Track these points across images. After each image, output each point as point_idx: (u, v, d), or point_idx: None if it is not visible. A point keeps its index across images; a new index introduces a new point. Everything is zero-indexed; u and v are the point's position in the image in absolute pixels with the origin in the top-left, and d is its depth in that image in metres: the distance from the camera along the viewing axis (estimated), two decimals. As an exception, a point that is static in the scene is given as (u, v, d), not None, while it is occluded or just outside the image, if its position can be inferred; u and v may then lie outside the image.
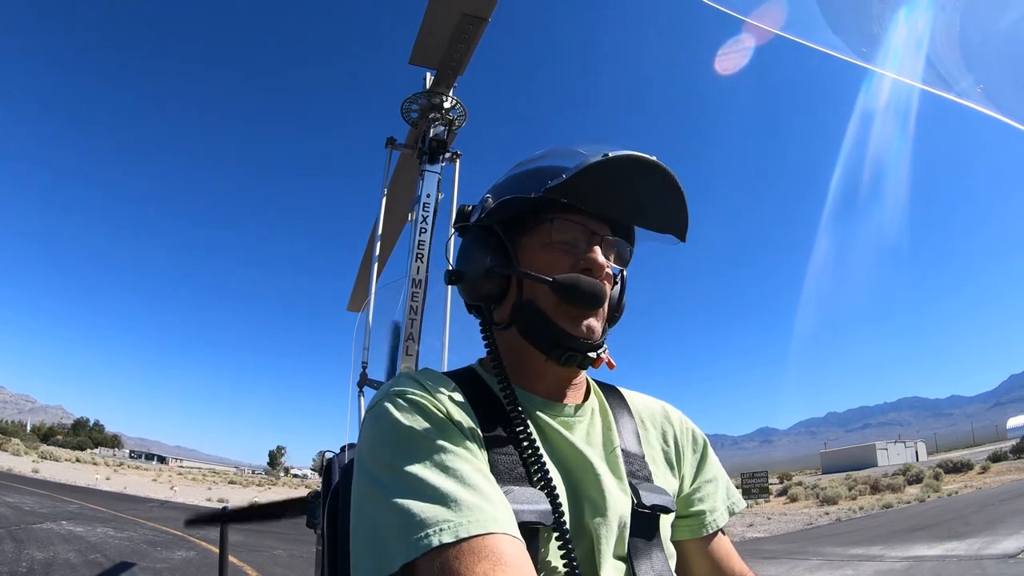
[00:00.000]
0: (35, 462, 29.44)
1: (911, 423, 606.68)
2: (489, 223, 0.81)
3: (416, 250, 2.42)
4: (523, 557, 0.56)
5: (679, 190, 0.78)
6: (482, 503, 0.57)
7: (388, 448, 0.64)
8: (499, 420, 0.73)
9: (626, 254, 0.85)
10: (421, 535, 0.54)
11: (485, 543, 0.54)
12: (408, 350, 2.37)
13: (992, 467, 21.76)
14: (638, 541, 0.73)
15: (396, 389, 0.70)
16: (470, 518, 0.55)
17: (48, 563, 7.00)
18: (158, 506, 17.71)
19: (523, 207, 0.79)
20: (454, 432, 0.66)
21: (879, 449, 43.77)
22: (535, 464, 0.68)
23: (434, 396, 0.70)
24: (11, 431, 57.04)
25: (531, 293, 0.77)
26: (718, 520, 0.86)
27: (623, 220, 0.84)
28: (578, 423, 0.80)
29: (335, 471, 1.78)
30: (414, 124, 2.70)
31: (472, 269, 0.80)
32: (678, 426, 0.91)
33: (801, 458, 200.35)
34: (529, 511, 0.63)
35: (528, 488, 0.66)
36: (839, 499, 19.10)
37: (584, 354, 0.77)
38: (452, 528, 0.54)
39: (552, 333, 0.76)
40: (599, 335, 0.78)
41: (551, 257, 0.78)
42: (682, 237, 0.83)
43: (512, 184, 0.81)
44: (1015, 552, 7.13)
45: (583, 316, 0.76)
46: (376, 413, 0.68)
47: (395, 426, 0.65)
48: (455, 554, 0.53)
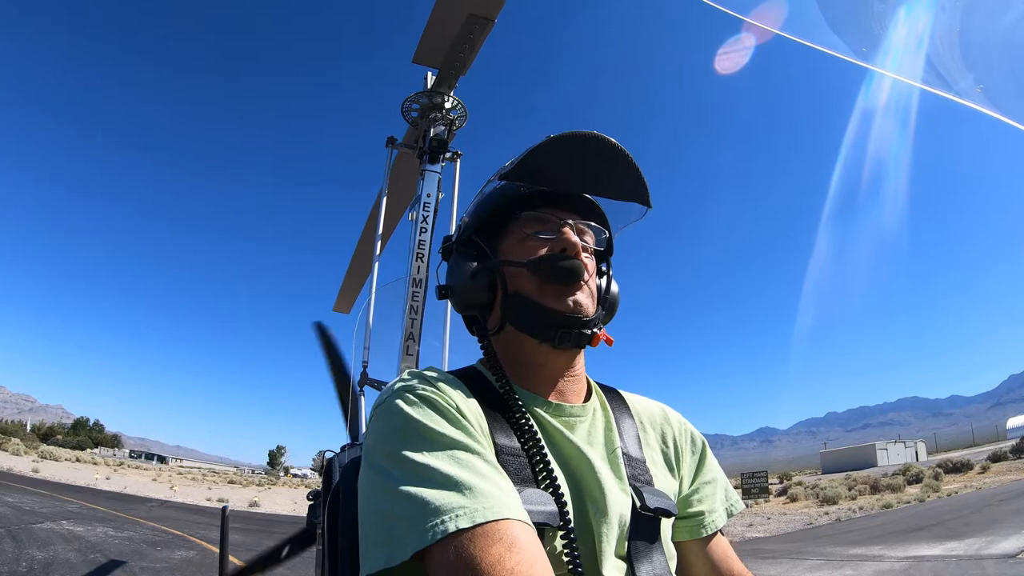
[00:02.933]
0: (35, 462, 29.41)
1: (911, 423, 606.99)
2: (466, 236, 0.87)
3: (416, 249, 2.42)
4: (535, 542, 0.57)
5: (627, 157, 0.82)
6: (495, 490, 0.59)
7: (398, 440, 0.65)
8: (504, 419, 0.74)
9: (601, 237, 0.88)
10: (436, 522, 0.55)
11: (499, 528, 0.55)
12: (408, 350, 2.37)
13: (992, 467, 21.75)
14: (639, 544, 0.73)
15: (405, 384, 0.72)
16: (485, 504, 0.56)
17: (48, 563, 7.00)
18: (158, 506, 17.71)
19: (491, 211, 0.85)
20: (464, 425, 0.68)
21: (879, 449, 43.74)
22: (540, 465, 0.70)
23: (443, 391, 0.71)
24: (11, 431, 57.05)
25: (515, 285, 0.81)
26: (717, 521, 0.87)
27: (581, 191, 0.87)
28: (579, 423, 0.81)
29: (335, 471, 1.78)
30: (414, 124, 2.71)
31: (459, 279, 0.85)
32: (677, 427, 0.92)
33: (801, 458, 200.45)
34: (537, 512, 0.64)
35: (535, 490, 0.68)
36: (839, 499, 19.10)
37: (579, 331, 0.79)
38: (468, 514, 0.55)
39: (540, 314, 0.78)
40: (589, 311, 0.81)
41: (528, 248, 0.82)
42: (646, 202, 0.87)
43: (479, 197, 0.90)
44: (1015, 552, 7.13)
45: (567, 292, 0.79)
46: (385, 408, 0.70)
47: (405, 419, 0.67)
48: (470, 538, 0.54)
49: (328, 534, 0.98)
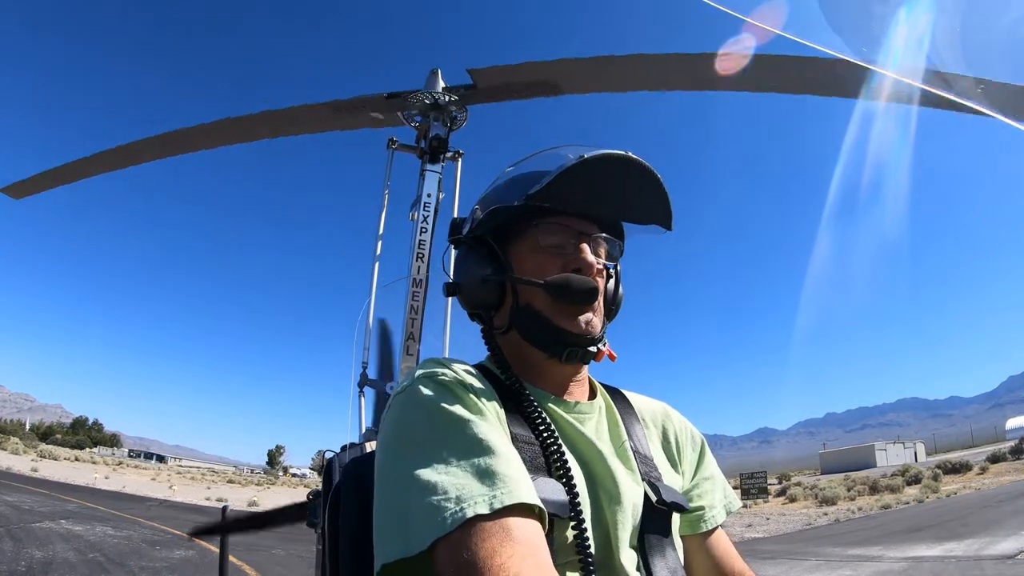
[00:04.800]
0: (34, 461, 29.43)
1: (910, 424, 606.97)
2: (480, 233, 0.84)
3: (417, 250, 2.42)
4: (540, 536, 0.58)
5: (658, 180, 0.81)
6: (515, 474, 0.59)
7: (417, 427, 0.66)
8: (517, 411, 0.74)
9: (615, 250, 0.87)
10: (458, 508, 0.55)
11: (513, 522, 0.55)
12: (409, 349, 2.37)
13: (991, 468, 21.80)
14: (652, 538, 0.74)
15: (425, 372, 0.72)
16: (503, 490, 0.57)
17: (47, 562, 7.00)
18: (157, 505, 17.71)
19: (509, 215, 0.82)
20: (483, 410, 0.68)
21: (878, 450, 43.81)
22: (555, 455, 0.70)
23: (462, 377, 0.72)
24: (10, 430, 57.02)
25: (527, 297, 0.80)
26: (716, 517, 0.88)
27: (607, 218, 0.86)
28: (588, 419, 0.82)
29: (336, 471, 1.77)
30: (414, 124, 2.70)
31: (468, 280, 0.84)
32: (678, 425, 0.94)
33: (800, 458, 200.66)
34: (549, 501, 0.64)
35: (548, 479, 0.68)
36: (838, 500, 19.13)
37: (585, 349, 0.79)
38: (486, 500, 0.55)
39: (551, 332, 0.78)
40: (598, 329, 0.81)
41: (541, 261, 0.80)
42: (668, 226, 0.87)
43: (497, 193, 0.85)
44: (1014, 553, 7.14)
45: (579, 312, 0.78)
46: (406, 395, 0.70)
47: (426, 404, 0.67)
48: (485, 530, 0.54)
49: (328, 534, 0.98)
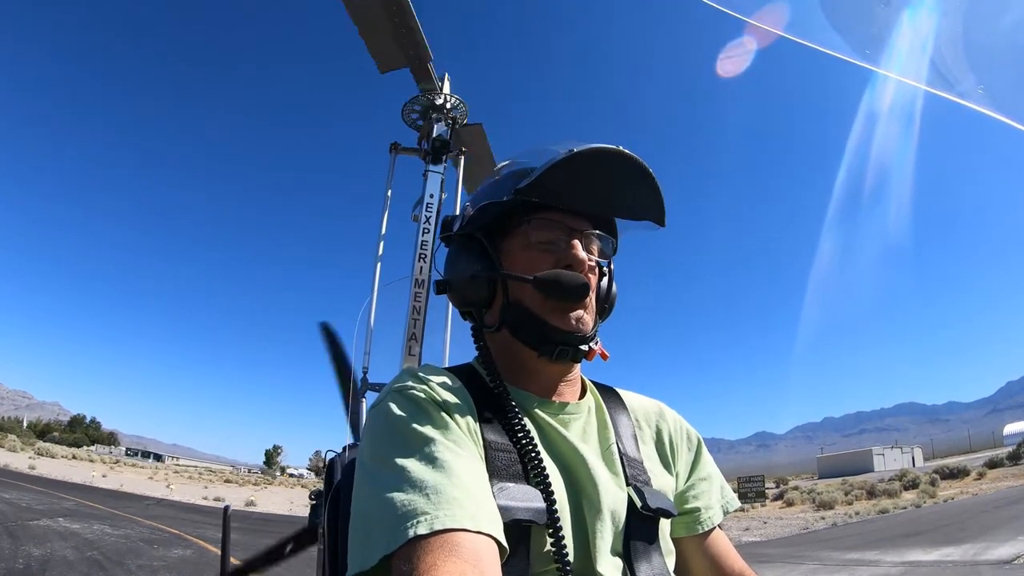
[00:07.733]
0: (31, 458, 29.37)
1: (908, 429, 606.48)
2: (470, 230, 0.83)
3: (419, 250, 2.41)
4: (492, 562, 0.55)
5: (650, 176, 0.79)
6: (463, 498, 0.57)
7: (383, 443, 0.66)
8: (497, 417, 0.73)
9: (609, 247, 0.86)
10: (402, 527, 0.55)
11: (457, 539, 0.54)
12: (411, 350, 2.36)
13: (988, 473, 21.78)
14: (638, 544, 0.73)
15: (398, 385, 0.72)
16: (447, 512, 0.55)
17: (45, 560, 6.98)
18: (155, 504, 17.65)
19: (500, 211, 0.81)
20: (450, 427, 0.67)
21: (876, 454, 43.69)
22: (532, 462, 0.69)
23: (434, 391, 0.71)
24: (7, 427, 56.97)
25: (517, 294, 0.78)
26: (713, 517, 0.86)
27: (598, 213, 0.84)
28: (574, 420, 0.80)
29: (337, 470, 1.77)
30: (417, 126, 2.70)
31: (458, 277, 0.83)
32: (673, 424, 0.91)
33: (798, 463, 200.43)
34: (524, 508, 0.64)
35: (525, 486, 0.67)
36: (835, 504, 19.10)
37: (576, 347, 0.78)
38: (428, 521, 0.54)
39: (541, 330, 0.77)
40: (590, 327, 0.79)
41: (532, 257, 0.79)
42: (661, 222, 0.84)
43: (488, 190, 0.84)
44: (1010, 558, 7.14)
45: (570, 310, 0.77)
46: (377, 410, 0.70)
47: (392, 421, 0.67)
48: (426, 548, 0.53)
49: (329, 534, 0.98)
